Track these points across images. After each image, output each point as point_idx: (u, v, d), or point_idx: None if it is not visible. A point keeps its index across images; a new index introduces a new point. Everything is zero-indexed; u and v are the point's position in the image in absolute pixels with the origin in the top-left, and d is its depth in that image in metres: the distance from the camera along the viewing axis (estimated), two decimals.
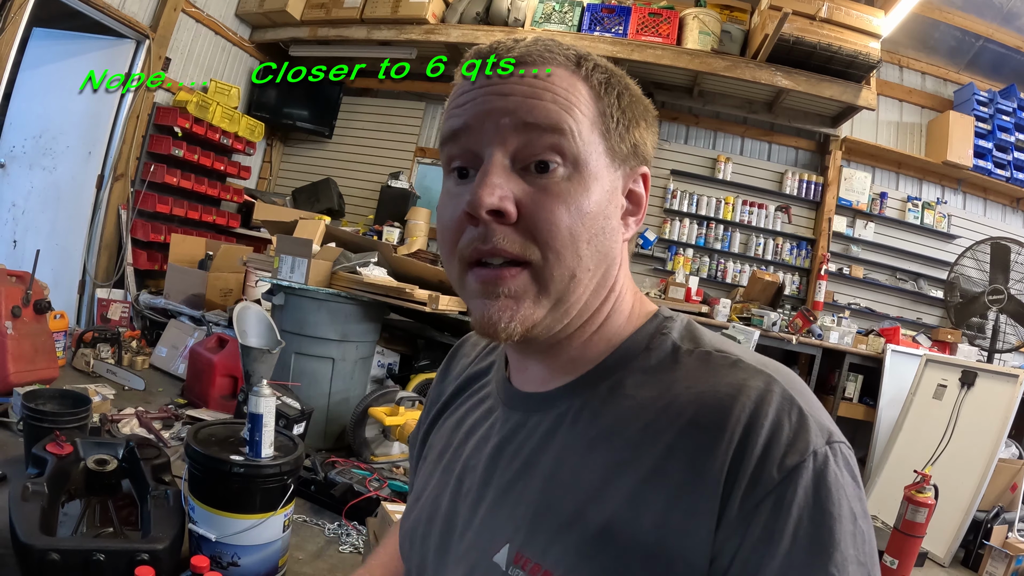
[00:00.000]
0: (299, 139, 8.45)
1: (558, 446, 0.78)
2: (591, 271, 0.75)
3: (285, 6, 7.05)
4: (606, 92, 0.77)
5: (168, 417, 4.00)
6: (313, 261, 4.08)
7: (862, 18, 5.62)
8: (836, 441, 0.67)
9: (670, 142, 7.35)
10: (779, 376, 0.71)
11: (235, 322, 3.30)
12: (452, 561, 0.83)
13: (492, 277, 0.73)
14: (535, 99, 0.73)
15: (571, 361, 0.82)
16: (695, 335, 0.80)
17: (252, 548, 2.46)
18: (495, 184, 0.71)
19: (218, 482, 2.43)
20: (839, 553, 0.61)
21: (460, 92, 0.78)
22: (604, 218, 0.75)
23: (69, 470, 2.62)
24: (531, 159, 0.73)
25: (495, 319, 0.73)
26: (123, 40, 6.13)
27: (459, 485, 0.87)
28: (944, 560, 4.05)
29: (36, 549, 2.07)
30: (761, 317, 6.00)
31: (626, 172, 0.80)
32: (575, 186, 0.73)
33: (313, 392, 4.05)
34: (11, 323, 3.99)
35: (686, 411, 0.69)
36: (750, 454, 0.64)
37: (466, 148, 0.76)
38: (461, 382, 1.04)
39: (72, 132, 6.17)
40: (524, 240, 0.72)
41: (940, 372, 4.90)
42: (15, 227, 6.22)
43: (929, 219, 6.89)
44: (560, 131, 0.72)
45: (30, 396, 3.13)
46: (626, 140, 0.79)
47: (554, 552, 0.71)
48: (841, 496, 0.63)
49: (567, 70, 0.76)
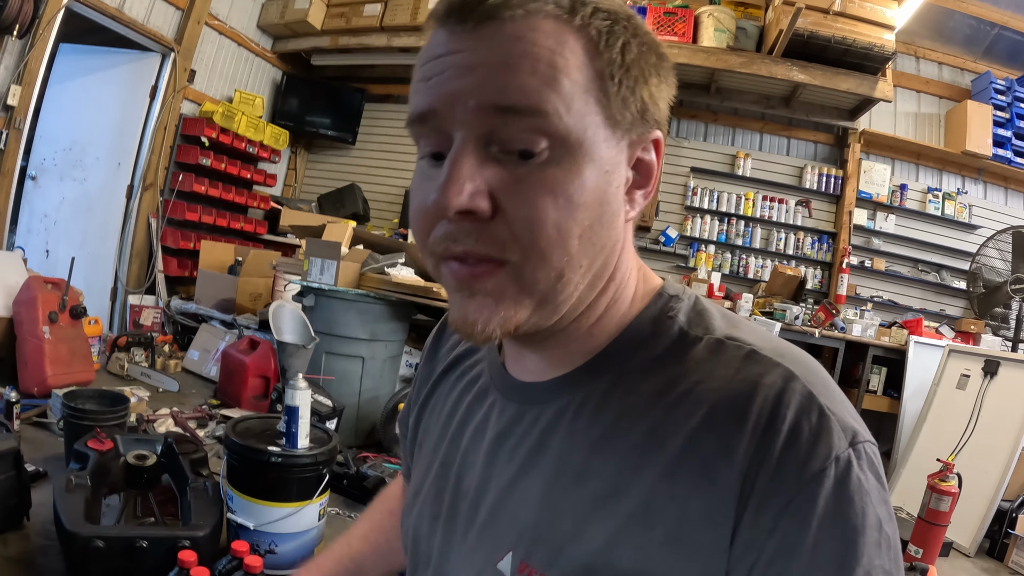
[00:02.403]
0: (323, 146, 8.57)
1: (558, 446, 0.71)
2: (584, 267, 0.66)
3: (306, 16, 7.19)
4: (607, 45, 0.63)
5: (202, 417, 4.10)
6: (342, 263, 4.17)
7: (876, 10, 5.62)
8: (860, 441, 0.61)
9: (689, 140, 7.38)
10: (798, 369, 0.64)
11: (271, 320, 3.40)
12: (457, 562, 0.79)
13: (466, 275, 0.65)
14: (509, 72, 0.60)
15: (570, 352, 0.74)
16: (704, 317, 0.73)
17: (289, 536, 2.54)
18: (463, 178, 0.60)
19: (256, 472, 2.51)
20: (861, 567, 0.56)
21: (427, 58, 0.66)
22: (601, 204, 0.64)
23: (110, 465, 2.70)
24: (510, 145, 0.61)
25: (472, 319, 0.66)
26: (149, 54, 6.28)
27: (458, 483, 0.83)
28: (969, 550, 4.05)
29: (81, 537, 2.14)
30: (783, 311, 6.01)
31: (632, 140, 0.68)
32: (564, 172, 0.61)
33: (344, 390, 4.13)
34: (48, 328, 4.11)
35: (696, 412, 0.63)
36: (768, 461, 0.59)
37: (435, 129, 0.65)
38: (452, 359, 0.97)
39: (101, 144, 6.33)
40: (502, 239, 0.62)
41: (963, 362, 4.89)
42: (47, 237, 6.40)
43: (950, 210, 6.87)
44: (541, 113, 0.60)
45: (70, 396, 3.23)
46: (631, 104, 0.66)
47: (560, 564, 0.66)
48: (866, 503, 0.58)
49: (556, 21, 0.61)
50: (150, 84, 6.31)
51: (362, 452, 3.84)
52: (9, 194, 5.29)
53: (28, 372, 4.05)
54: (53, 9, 5.17)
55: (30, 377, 4.04)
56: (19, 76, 5.13)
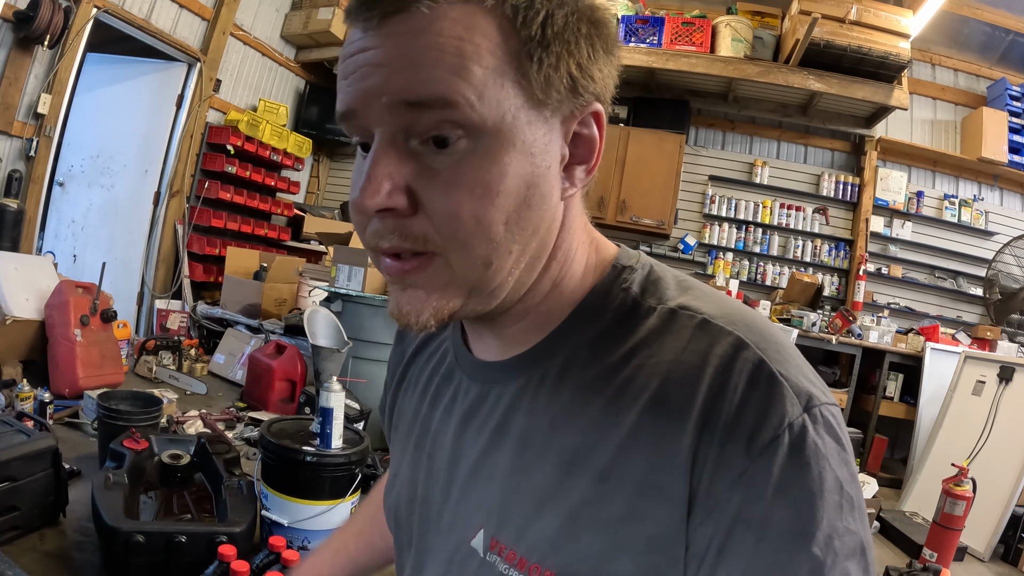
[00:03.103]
0: (345, 154, 8.70)
1: (520, 424, 0.72)
2: (514, 252, 0.65)
3: (329, 27, 7.28)
4: (524, 22, 0.61)
5: (230, 419, 4.18)
6: (369, 270, 4.24)
7: (891, 19, 5.68)
8: (816, 405, 0.60)
9: (707, 148, 7.46)
10: (749, 335, 0.63)
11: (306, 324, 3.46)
12: (434, 542, 0.81)
13: (397, 270, 0.66)
14: (413, 66, 0.59)
15: (523, 330, 0.75)
16: (658, 286, 0.72)
17: (321, 533, 2.60)
18: (380, 178, 0.61)
19: (291, 471, 2.58)
20: (821, 531, 0.56)
21: (344, 55, 0.65)
22: (529, 187, 0.63)
23: (144, 464, 2.77)
24: (424, 135, 0.61)
25: (405, 311, 0.66)
26: (175, 63, 6.41)
27: (431, 464, 0.84)
28: (983, 555, 4.07)
29: (122, 532, 2.21)
30: (801, 318, 6.04)
31: (565, 116, 0.66)
32: (480, 160, 0.61)
33: (371, 395, 4.18)
34: (80, 331, 4.20)
35: (649, 386, 0.63)
36: (719, 432, 0.58)
37: (358, 127, 0.64)
38: (420, 340, 0.97)
39: (128, 152, 6.46)
40: (424, 233, 0.63)
41: (979, 368, 4.91)
42: (75, 242, 6.53)
43: (966, 216, 6.88)
44: (449, 103, 0.59)
45: (105, 396, 3.30)
46: (556, 80, 0.63)
47: (527, 539, 0.68)
48: (823, 467, 0.57)
49: (466, 5, 0.59)
50: (176, 93, 6.44)
51: (387, 455, 3.91)
52: (39, 200, 5.40)
53: (60, 374, 4.13)
54: (82, 20, 5.28)
55: (62, 379, 4.11)
56: (49, 85, 5.24)
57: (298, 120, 8.05)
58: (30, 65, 5.11)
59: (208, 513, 2.65)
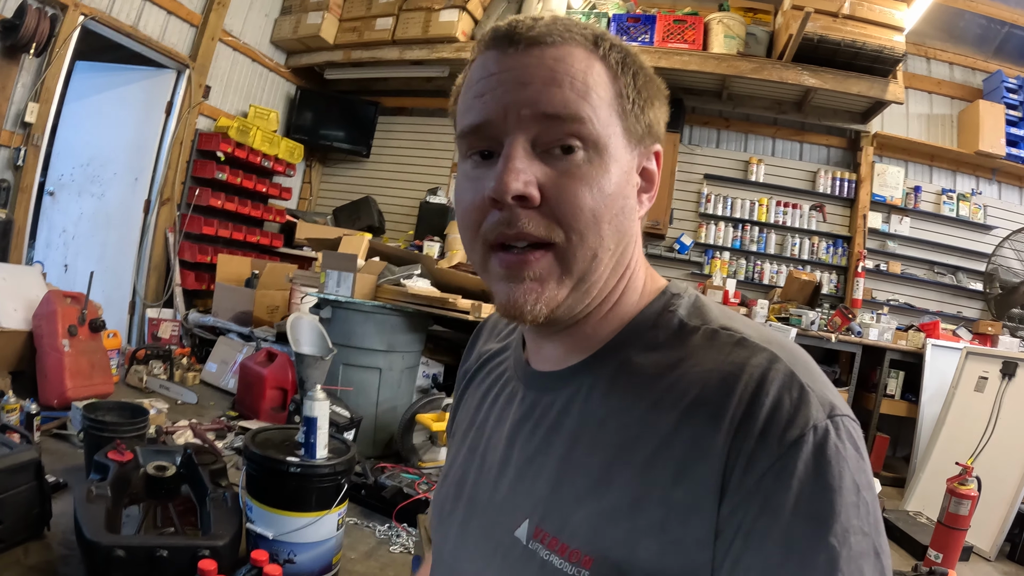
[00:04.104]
0: (337, 159, 8.63)
1: (572, 424, 0.80)
2: (611, 250, 0.77)
3: (318, 31, 7.26)
4: (623, 72, 0.78)
5: (221, 428, 4.13)
6: (358, 275, 4.20)
7: (884, 12, 5.62)
8: (839, 415, 0.67)
9: (701, 146, 7.39)
10: (782, 353, 0.72)
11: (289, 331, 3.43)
12: (475, 537, 0.88)
13: (517, 262, 0.75)
14: (554, 86, 0.73)
15: (584, 340, 0.84)
16: (702, 311, 0.81)
17: (307, 545, 2.55)
18: (519, 169, 0.72)
19: (275, 482, 2.53)
20: (839, 524, 0.62)
21: (478, 77, 0.78)
22: (623, 198, 0.77)
23: (130, 476, 2.73)
24: (553, 144, 0.73)
25: (521, 302, 0.75)
26: (164, 70, 6.38)
27: (482, 463, 0.91)
28: (989, 554, 4.01)
29: (102, 546, 2.17)
30: (799, 317, 5.98)
31: (641, 151, 0.81)
32: (596, 168, 0.74)
33: (361, 401, 4.15)
34: (68, 341, 4.16)
35: (691, 390, 0.71)
36: (751, 430, 0.65)
37: (487, 137, 0.76)
38: (483, 360, 1.07)
39: (118, 159, 6.42)
40: (548, 222, 0.73)
41: (981, 364, 4.85)
42: (66, 251, 6.49)
43: (965, 211, 6.80)
44: (579, 119, 0.73)
45: (90, 408, 3.26)
46: (642, 120, 0.79)
47: (570, 526, 0.74)
48: (843, 468, 0.64)
49: (585, 50, 0.76)
50: (166, 100, 6.40)
51: (380, 463, 3.86)
52: (28, 209, 5.36)
53: (48, 384, 4.10)
54: (69, 27, 5.25)
55: (50, 389, 4.08)
56: (36, 94, 5.20)
57: (289, 125, 8.00)
58: (17, 74, 5.07)
59: (193, 526, 2.61)
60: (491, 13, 6.98)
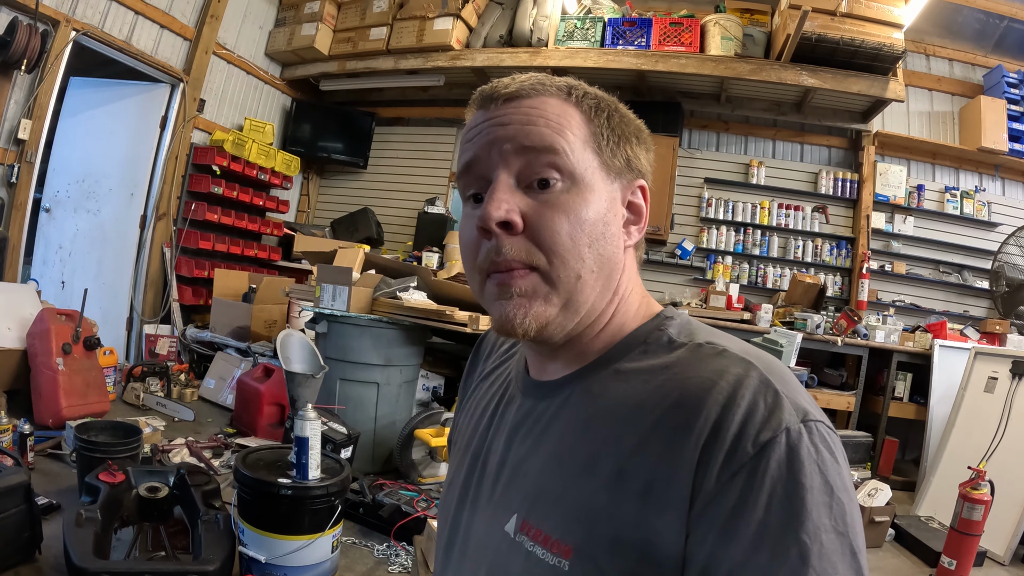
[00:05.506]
0: (335, 171, 8.60)
1: (561, 427, 0.85)
2: (595, 272, 0.83)
3: (313, 42, 7.24)
4: (596, 115, 0.86)
5: (218, 446, 4.08)
6: (354, 288, 4.14)
7: (882, 9, 5.56)
8: (812, 420, 0.70)
9: (701, 150, 7.34)
10: (759, 363, 0.76)
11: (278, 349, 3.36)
12: (475, 538, 0.92)
13: (506, 279, 0.81)
14: (531, 125, 0.82)
15: (578, 355, 0.89)
16: (691, 330, 0.86)
17: (301, 569, 2.49)
18: (502, 199, 0.79)
19: (267, 505, 2.47)
20: (811, 522, 0.64)
21: (469, 127, 0.87)
22: (603, 224, 0.83)
23: (121, 498, 2.68)
24: (533, 177, 0.81)
25: (511, 316, 0.81)
26: (158, 85, 6.36)
27: (483, 470, 0.96)
28: (1004, 558, 3.94)
29: (90, 572, 2.12)
30: (804, 320, 5.92)
31: (623, 184, 0.88)
32: (573, 197, 0.81)
33: (359, 417, 4.09)
34: (62, 359, 4.12)
35: (672, 394, 0.75)
36: (726, 432, 0.68)
37: (478, 175, 0.84)
38: (486, 372, 1.13)
39: (114, 175, 6.39)
40: (530, 247, 0.80)
41: (990, 364, 4.78)
42: (62, 268, 6.45)
43: (969, 208, 6.74)
44: (555, 151, 0.80)
45: (82, 428, 3.22)
46: (618, 155, 0.87)
47: (553, 519, 0.78)
48: (813, 469, 0.66)
49: (558, 98, 0.85)
50: (160, 114, 6.37)
51: (379, 479, 3.79)
52: (23, 227, 5.32)
53: (43, 404, 4.06)
54: (61, 43, 5.22)
55: (45, 409, 4.04)
56: (29, 110, 5.18)
57: (286, 137, 7.98)
58: (9, 91, 5.05)
59: (184, 549, 2.55)
60: (485, 20, 6.92)
